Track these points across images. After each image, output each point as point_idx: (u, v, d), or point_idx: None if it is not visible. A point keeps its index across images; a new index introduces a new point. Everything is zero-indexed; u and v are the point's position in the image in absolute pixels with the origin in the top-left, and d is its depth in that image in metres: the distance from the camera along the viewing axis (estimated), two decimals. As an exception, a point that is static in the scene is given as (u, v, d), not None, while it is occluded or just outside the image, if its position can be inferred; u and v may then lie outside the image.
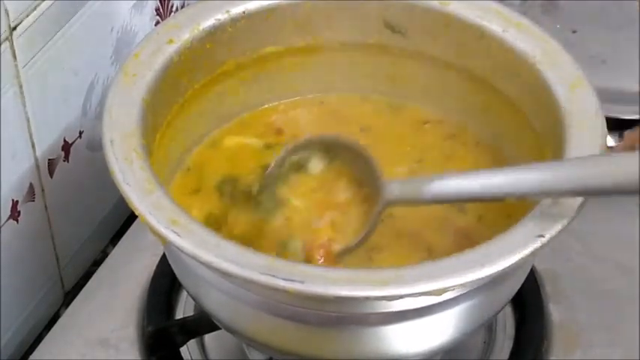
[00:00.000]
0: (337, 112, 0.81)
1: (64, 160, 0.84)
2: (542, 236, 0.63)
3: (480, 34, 0.76)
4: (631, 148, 0.63)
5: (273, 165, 0.73)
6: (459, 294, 0.64)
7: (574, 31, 1.02)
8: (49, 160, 0.82)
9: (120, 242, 0.88)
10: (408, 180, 0.71)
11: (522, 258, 0.62)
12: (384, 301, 0.63)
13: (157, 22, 0.93)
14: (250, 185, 0.75)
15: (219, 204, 0.75)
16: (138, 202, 0.64)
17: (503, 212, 0.72)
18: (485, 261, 0.62)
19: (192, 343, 0.80)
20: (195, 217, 0.67)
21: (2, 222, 0.78)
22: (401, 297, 0.61)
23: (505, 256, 0.62)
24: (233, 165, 0.77)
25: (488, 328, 0.81)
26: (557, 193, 0.64)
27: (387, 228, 0.72)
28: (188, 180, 0.77)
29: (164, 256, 0.82)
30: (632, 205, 0.90)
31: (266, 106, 0.81)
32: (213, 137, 0.79)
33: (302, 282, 0.60)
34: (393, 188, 0.69)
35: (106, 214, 0.92)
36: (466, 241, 0.70)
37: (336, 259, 0.70)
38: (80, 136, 0.85)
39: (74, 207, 0.87)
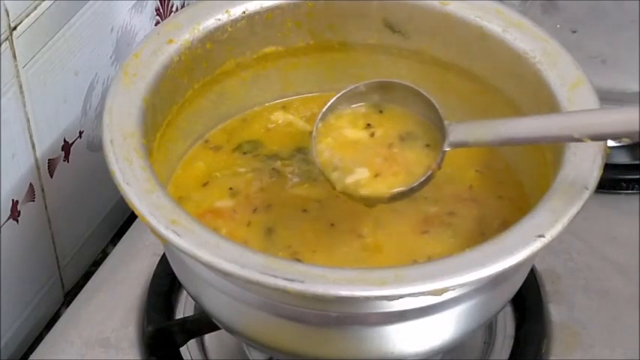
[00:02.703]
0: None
1: (64, 160, 0.84)
2: (542, 236, 0.63)
3: (480, 34, 0.76)
4: None
5: (324, 110, 0.72)
6: (459, 294, 0.64)
7: (574, 31, 1.02)
8: (49, 160, 0.82)
9: (120, 242, 0.88)
10: (472, 122, 0.71)
11: (522, 258, 0.62)
12: (384, 301, 0.63)
13: (157, 22, 0.93)
14: (275, 152, 0.77)
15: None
16: (138, 202, 0.64)
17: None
18: (486, 261, 0.62)
19: (192, 343, 0.80)
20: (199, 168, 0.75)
21: (2, 222, 0.78)
22: (401, 297, 0.61)
23: (505, 256, 0.62)
24: (265, 135, 0.79)
25: (489, 328, 0.81)
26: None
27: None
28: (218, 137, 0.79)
29: (164, 256, 0.82)
30: (632, 205, 0.90)
31: (266, 104, 0.82)
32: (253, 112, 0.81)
33: (302, 282, 0.60)
34: (459, 130, 0.69)
35: (106, 214, 0.92)
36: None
37: (389, 200, 0.70)
38: (80, 136, 0.85)
39: (74, 207, 0.87)
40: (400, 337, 0.67)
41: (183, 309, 0.83)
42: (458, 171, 0.76)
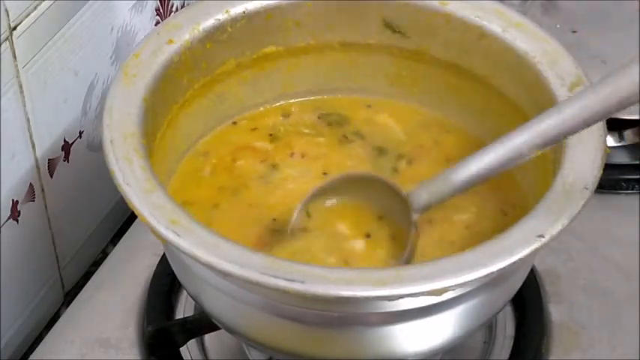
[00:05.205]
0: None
1: (64, 160, 0.84)
2: (542, 236, 0.63)
3: (480, 34, 0.76)
4: None
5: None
6: (459, 294, 0.64)
7: (574, 31, 1.02)
8: (49, 160, 0.82)
9: (120, 242, 0.88)
10: (429, 181, 0.70)
11: (522, 258, 0.62)
12: (384, 301, 0.63)
13: (157, 22, 0.93)
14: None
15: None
16: (138, 202, 0.64)
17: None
18: (486, 261, 0.62)
19: (192, 343, 0.80)
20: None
21: (2, 222, 0.78)
22: (401, 297, 0.61)
23: (505, 256, 0.62)
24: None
25: (489, 328, 0.81)
26: (577, 129, 0.64)
27: None
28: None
29: (164, 256, 0.82)
30: (632, 205, 0.90)
31: (267, 106, 0.82)
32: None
33: (302, 282, 0.60)
34: (420, 194, 0.69)
35: (106, 214, 0.92)
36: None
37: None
38: (80, 136, 0.85)
39: (74, 207, 0.87)
40: (400, 337, 0.67)
41: (183, 309, 0.83)
42: None
